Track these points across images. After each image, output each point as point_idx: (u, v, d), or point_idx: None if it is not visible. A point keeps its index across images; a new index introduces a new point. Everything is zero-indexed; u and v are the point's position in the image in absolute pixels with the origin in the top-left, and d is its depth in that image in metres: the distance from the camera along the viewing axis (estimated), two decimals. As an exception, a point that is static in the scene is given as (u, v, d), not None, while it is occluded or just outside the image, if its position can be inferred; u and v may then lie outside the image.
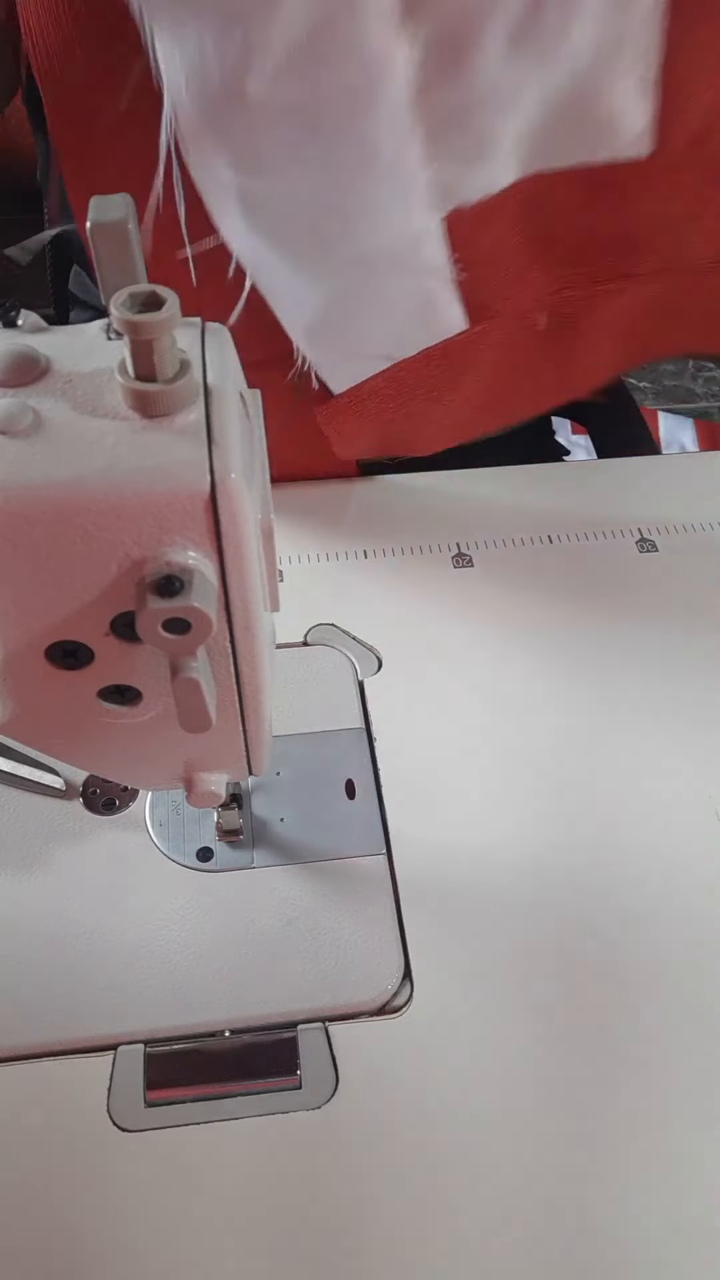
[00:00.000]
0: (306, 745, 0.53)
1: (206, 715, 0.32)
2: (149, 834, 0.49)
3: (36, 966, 0.44)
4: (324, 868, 0.48)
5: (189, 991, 0.44)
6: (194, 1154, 0.40)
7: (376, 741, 0.53)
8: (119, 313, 0.28)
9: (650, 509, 0.66)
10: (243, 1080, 0.42)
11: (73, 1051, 0.42)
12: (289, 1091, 0.41)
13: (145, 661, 0.33)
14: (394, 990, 0.44)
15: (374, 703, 0.55)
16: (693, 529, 0.65)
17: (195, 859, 0.48)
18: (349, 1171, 0.40)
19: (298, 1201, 0.39)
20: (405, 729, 0.54)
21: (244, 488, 0.29)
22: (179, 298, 0.28)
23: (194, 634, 0.29)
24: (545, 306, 0.58)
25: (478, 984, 0.45)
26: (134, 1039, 0.43)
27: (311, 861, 0.48)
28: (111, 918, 0.46)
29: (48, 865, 0.48)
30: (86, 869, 0.48)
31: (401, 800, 0.51)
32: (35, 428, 0.29)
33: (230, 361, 0.32)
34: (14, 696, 0.34)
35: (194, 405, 0.30)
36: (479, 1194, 0.39)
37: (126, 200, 0.29)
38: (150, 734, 0.37)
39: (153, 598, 0.29)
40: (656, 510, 0.66)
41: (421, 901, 0.47)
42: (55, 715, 0.36)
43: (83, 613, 0.31)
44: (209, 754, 0.39)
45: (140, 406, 0.29)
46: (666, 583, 0.61)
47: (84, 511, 0.29)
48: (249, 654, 0.34)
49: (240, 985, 0.44)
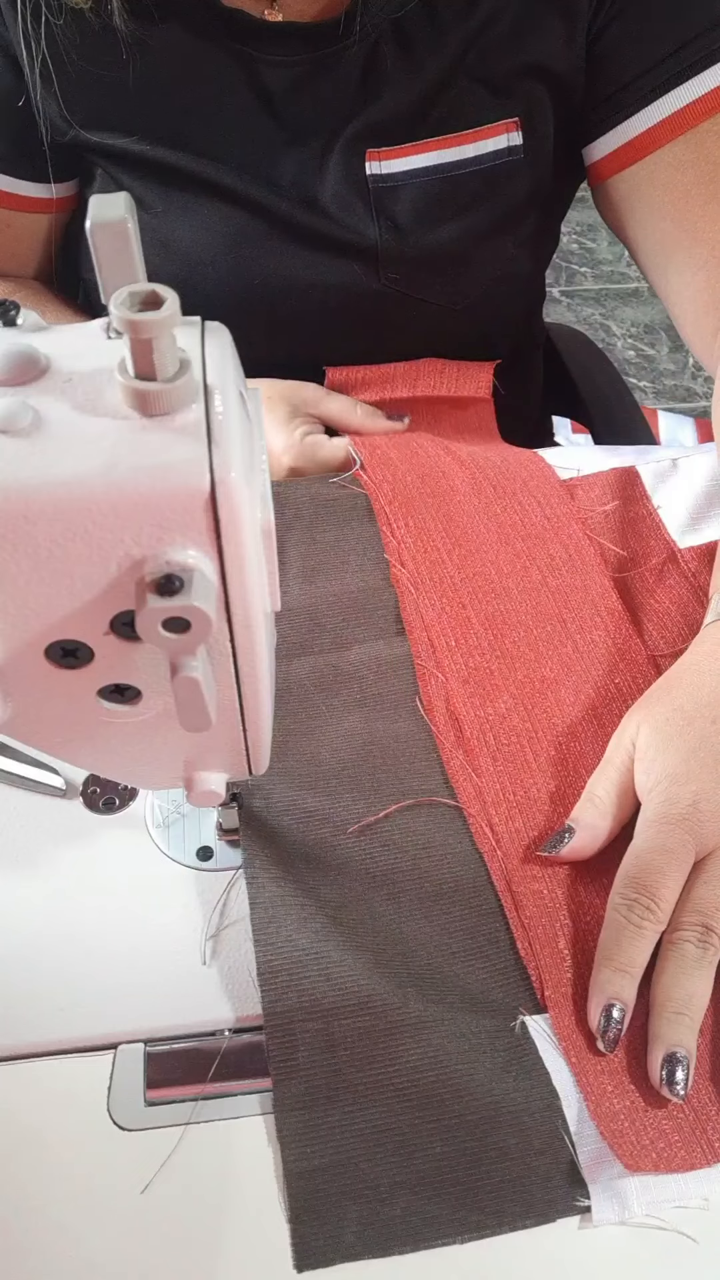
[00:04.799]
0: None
1: (206, 714, 0.32)
2: (149, 833, 0.49)
3: (37, 966, 0.44)
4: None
5: (189, 991, 0.44)
6: (194, 1154, 0.40)
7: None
8: (119, 311, 0.28)
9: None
10: (242, 1079, 0.41)
11: (72, 1051, 0.42)
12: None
13: (145, 660, 0.33)
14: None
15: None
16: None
17: (195, 858, 0.48)
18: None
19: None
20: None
21: (244, 487, 0.29)
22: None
23: (194, 633, 0.29)
24: None
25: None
26: (134, 1038, 0.43)
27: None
28: (112, 917, 0.46)
29: (48, 865, 0.48)
30: (86, 868, 0.48)
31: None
32: (35, 427, 0.29)
33: (230, 360, 0.32)
34: (14, 696, 0.34)
35: (194, 404, 0.30)
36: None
37: (126, 199, 0.29)
38: (150, 733, 0.37)
39: (152, 596, 0.29)
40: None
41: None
42: (55, 714, 0.36)
43: (82, 612, 0.31)
44: (209, 753, 0.39)
45: (140, 405, 0.29)
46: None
47: (84, 510, 0.29)
48: (249, 653, 0.34)
49: (240, 985, 0.44)
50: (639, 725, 0.48)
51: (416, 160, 0.67)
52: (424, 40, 0.64)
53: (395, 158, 0.67)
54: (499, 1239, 0.37)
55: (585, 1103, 0.40)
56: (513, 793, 0.49)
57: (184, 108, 0.66)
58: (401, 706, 0.53)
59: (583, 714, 0.52)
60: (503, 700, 0.52)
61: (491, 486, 0.63)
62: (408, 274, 0.69)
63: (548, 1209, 0.38)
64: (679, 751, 0.45)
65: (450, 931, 0.45)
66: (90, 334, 0.32)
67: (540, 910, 0.45)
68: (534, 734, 0.51)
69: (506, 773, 0.50)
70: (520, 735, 0.51)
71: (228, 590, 0.31)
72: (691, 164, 0.65)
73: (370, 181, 0.67)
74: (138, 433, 0.29)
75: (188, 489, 0.29)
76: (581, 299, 2.20)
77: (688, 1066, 0.39)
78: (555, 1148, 0.39)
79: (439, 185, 0.67)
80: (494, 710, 0.52)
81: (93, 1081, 0.41)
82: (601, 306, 2.18)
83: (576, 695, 0.53)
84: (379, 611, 0.57)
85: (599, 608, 0.57)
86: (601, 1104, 0.40)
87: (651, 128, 0.65)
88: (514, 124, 0.67)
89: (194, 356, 0.30)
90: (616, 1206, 0.37)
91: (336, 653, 0.55)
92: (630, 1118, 0.39)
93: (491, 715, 0.52)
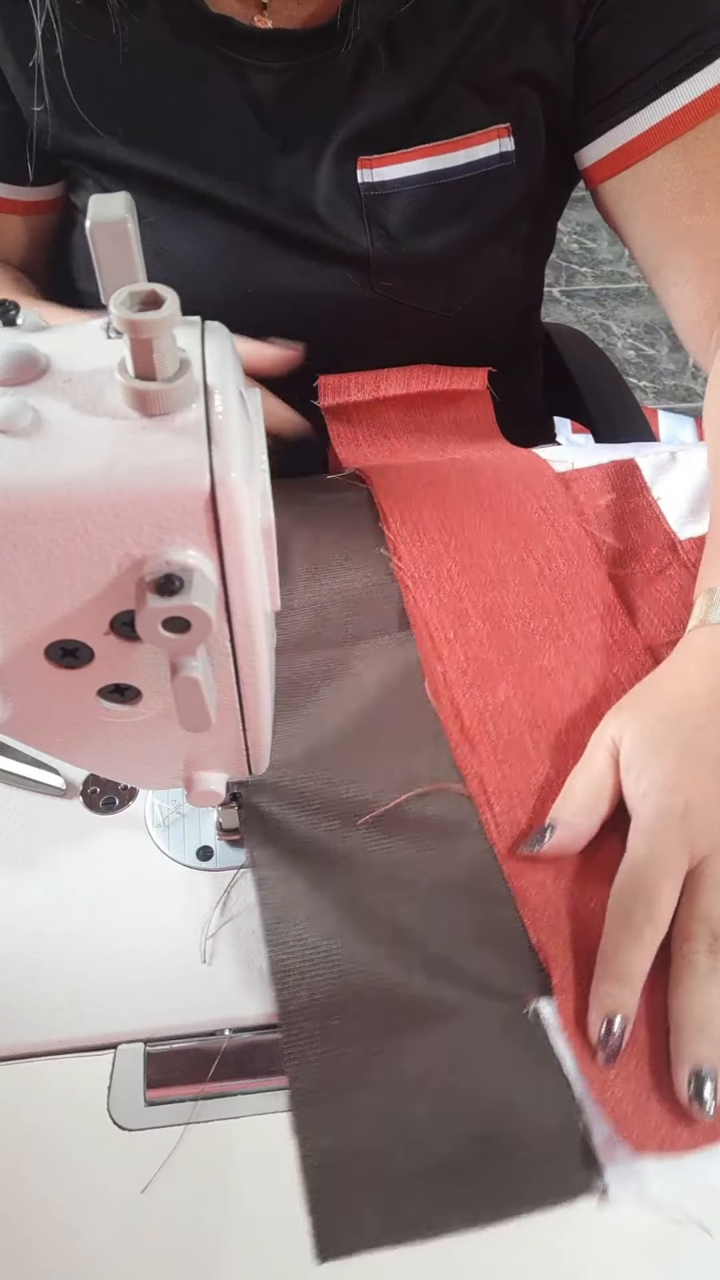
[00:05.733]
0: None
1: (206, 714, 0.32)
2: (149, 833, 0.49)
3: (36, 965, 0.44)
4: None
5: (189, 991, 0.44)
6: (195, 1153, 0.40)
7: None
8: (119, 311, 0.28)
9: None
10: (242, 1079, 0.41)
11: (72, 1050, 0.42)
12: (288, 1090, 0.41)
13: (145, 660, 0.33)
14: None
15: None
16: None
17: (195, 858, 0.48)
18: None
19: (297, 1200, 0.39)
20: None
21: (244, 486, 0.29)
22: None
23: (194, 633, 0.29)
24: None
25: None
26: (134, 1038, 0.43)
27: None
28: (112, 917, 0.46)
29: (48, 864, 0.48)
30: (86, 868, 0.48)
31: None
32: (35, 426, 0.29)
33: (230, 360, 0.32)
34: (14, 695, 0.34)
35: (194, 404, 0.30)
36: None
37: (126, 199, 0.29)
38: (150, 733, 0.37)
39: (152, 596, 0.29)
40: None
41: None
42: (55, 714, 0.36)
43: (82, 612, 0.31)
44: (209, 753, 0.39)
45: (140, 405, 0.29)
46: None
47: (83, 510, 0.29)
48: (249, 653, 0.34)
49: (240, 984, 0.44)
50: (623, 731, 0.48)
51: (408, 167, 0.67)
52: (414, 47, 0.64)
53: (387, 165, 0.66)
54: (516, 1225, 0.38)
55: (589, 1089, 0.40)
56: (513, 782, 0.50)
57: (174, 116, 0.66)
58: (408, 695, 0.53)
59: (582, 704, 0.52)
60: (502, 690, 0.53)
61: (486, 479, 0.63)
62: (401, 282, 0.69)
63: (565, 1191, 0.38)
64: (667, 760, 0.46)
65: (462, 920, 0.45)
66: (90, 334, 0.32)
67: (544, 899, 0.45)
68: (534, 723, 0.52)
69: (507, 762, 0.50)
70: (520, 725, 0.52)
71: (228, 590, 0.31)
72: (679, 173, 0.65)
73: (362, 189, 0.67)
74: (138, 433, 0.29)
75: (188, 489, 0.29)
76: (581, 299, 2.20)
77: (715, 1080, 0.39)
78: (569, 1132, 0.39)
79: (431, 192, 0.67)
80: (494, 700, 0.52)
81: (93, 1081, 0.41)
82: (601, 306, 2.18)
83: (575, 685, 0.53)
84: (384, 605, 0.57)
85: (595, 600, 0.57)
86: (604, 1091, 0.40)
87: (639, 135, 0.66)
88: (505, 130, 0.66)
89: (194, 356, 0.30)
90: (634, 1186, 0.38)
91: (343, 647, 0.55)
92: (634, 1103, 0.40)
93: (491, 705, 0.52)
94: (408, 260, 0.68)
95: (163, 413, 0.29)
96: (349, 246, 0.68)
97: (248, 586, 0.32)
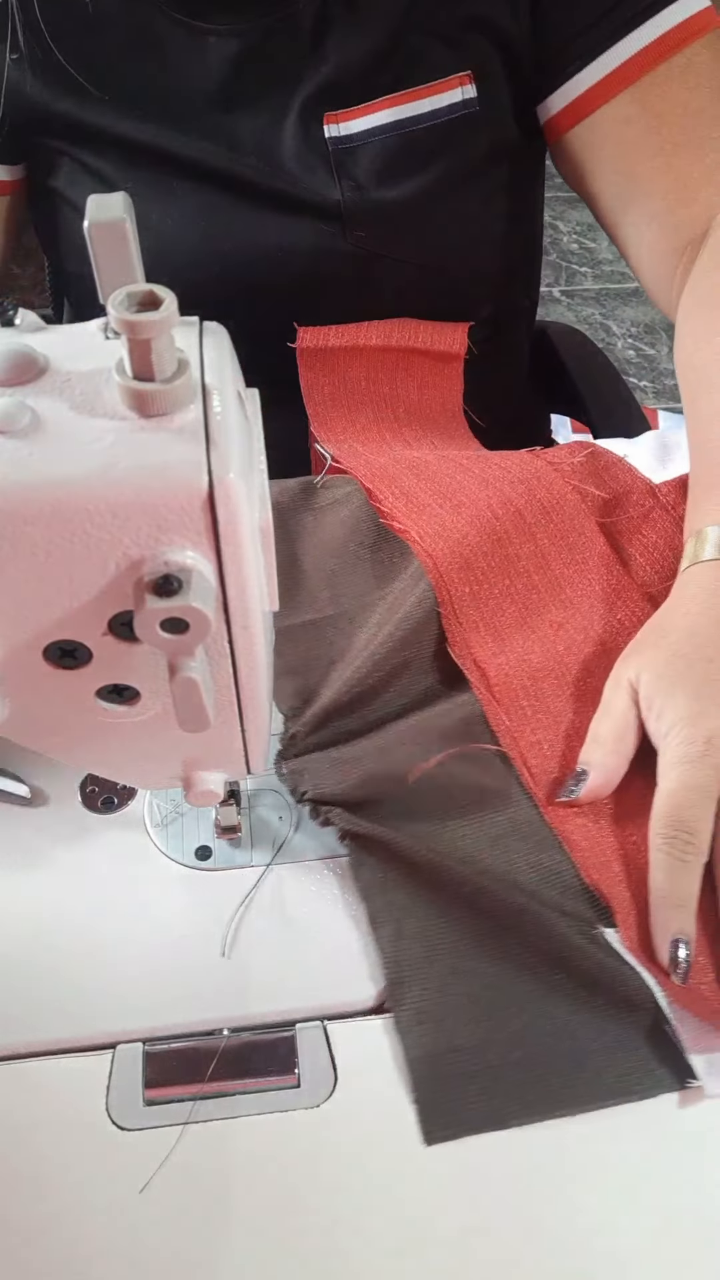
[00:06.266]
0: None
1: (205, 715, 0.32)
2: (148, 833, 0.49)
3: (35, 965, 0.44)
4: (323, 865, 0.48)
5: (188, 990, 0.44)
6: (193, 1153, 0.40)
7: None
8: (117, 312, 0.28)
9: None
10: (241, 1079, 0.42)
11: (71, 1050, 0.42)
12: (287, 1090, 0.41)
13: (143, 661, 0.33)
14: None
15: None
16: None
17: (194, 857, 0.48)
18: (347, 1170, 0.40)
19: (296, 1200, 0.39)
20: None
21: (242, 487, 0.30)
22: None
23: (192, 634, 0.29)
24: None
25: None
26: (133, 1038, 0.43)
27: (311, 860, 0.48)
28: (110, 917, 0.46)
29: (47, 864, 0.48)
30: (85, 868, 0.48)
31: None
32: (33, 427, 0.29)
33: (228, 361, 0.32)
34: (12, 696, 0.34)
35: (192, 404, 0.30)
36: (476, 1192, 0.39)
37: (124, 199, 0.29)
38: (149, 733, 0.37)
39: (151, 597, 0.29)
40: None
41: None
42: (53, 714, 0.36)
43: (81, 612, 0.31)
44: (207, 753, 0.39)
45: (138, 406, 0.29)
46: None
47: (82, 511, 0.29)
48: (247, 653, 0.34)
49: (239, 984, 0.44)
50: (640, 671, 0.49)
51: (373, 119, 0.68)
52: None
53: (352, 118, 0.68)
54: (606, 1113, 0.40)
55: (668, 997, 0.42)
56: (543, 732, 0.51)
57: (143, 80, 0.68)
58: (437, 658, 0.54)
59: (593, 652, 0.54)
60: (519, 644, 0.54)
61: (467, 456, 0.65)
62: (374, 232, 0.71)
63: (655, 1083, 0.40)
64: (685, 694, 0.47)
65: (518, 867, 0.47)
66: (88, 334, 0.32)
67: (589, 841, 0.47)
68: (555, 673, 0.53)
69: (535, 713, 0.52)
70: (541, 676, 0.53)
71: (226, 591, 0.32)
72: (637, 118, 0.67)
73: (330, 144, 0.69)
74: (136, 433, 0.29)
75: (186, 489, 0.29)
76: (581, 299, 2.20)
77: None
78: (658, 1029, 0.41)
79: (397, 141, 0.69)
80: (514, 655, 0.54)
81: (91, 1081, 0.41)
82: (601, 306, 2.18)
83: (586, 634, 0.55)
84: (401, 577, 0.58)
85: (591, 550, 0.58)
86: (680, 995, 0.42)
87: (595, 84, 0.68)
88: (467, 77, 0.68)
89: (192, 357, 0.30)
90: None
91: (370, 630, 0.56)
92: (707, 1008, 0.42)
93: (512, 660, 0.54)
94: (379, 208, 0.70)
95: (161, 413, 0.29)
96: (320, 199, 0.69)
97: (246, 587, 0.32)
